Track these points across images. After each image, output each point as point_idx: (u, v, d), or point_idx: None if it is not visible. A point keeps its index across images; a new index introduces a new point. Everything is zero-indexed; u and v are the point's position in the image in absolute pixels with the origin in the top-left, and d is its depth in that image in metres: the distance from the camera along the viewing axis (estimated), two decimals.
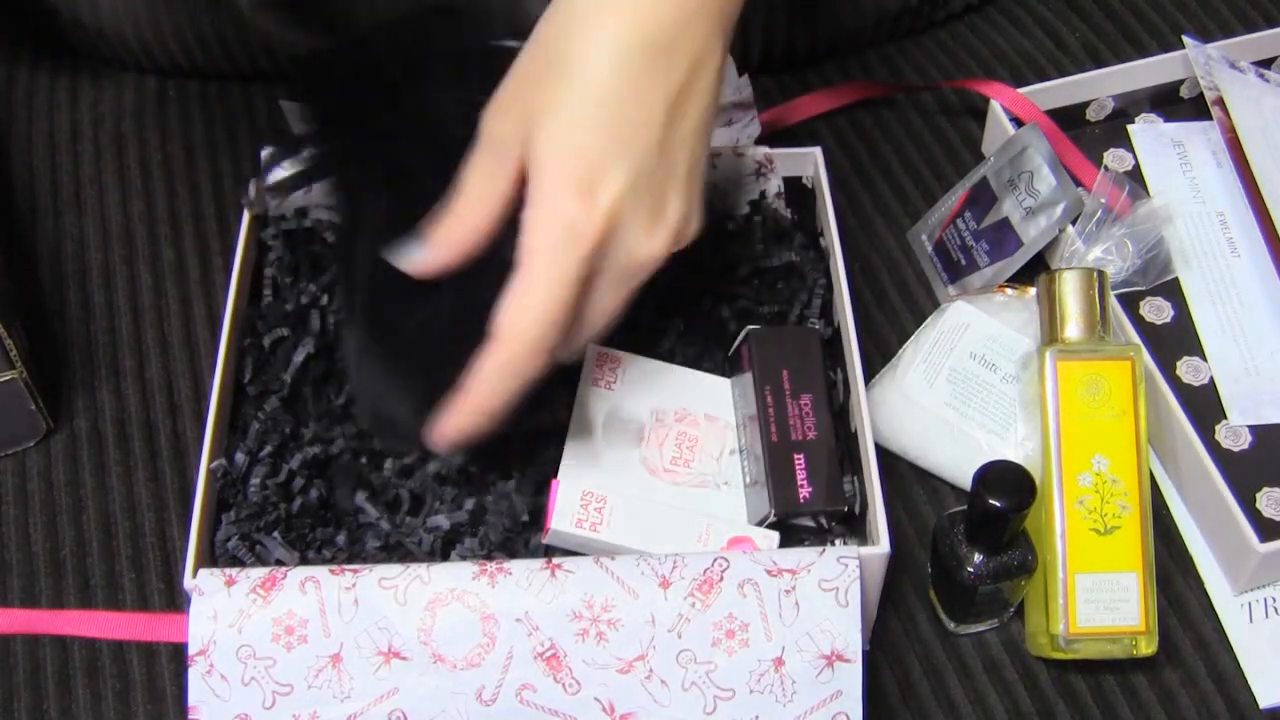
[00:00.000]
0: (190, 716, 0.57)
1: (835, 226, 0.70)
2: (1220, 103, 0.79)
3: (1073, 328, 0.65)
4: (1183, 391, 0.71)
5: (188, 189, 0.82)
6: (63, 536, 0.69)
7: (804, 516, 0.64)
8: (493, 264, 0.56)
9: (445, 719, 0.57)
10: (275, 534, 0.62)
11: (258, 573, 0.57)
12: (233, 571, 0.57)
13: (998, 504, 0.58)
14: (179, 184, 0.82)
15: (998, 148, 0.76)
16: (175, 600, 0.67)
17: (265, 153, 0.70)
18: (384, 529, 0.63)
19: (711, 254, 0.70)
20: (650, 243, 0.55)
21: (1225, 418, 0.70)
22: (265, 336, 0.68)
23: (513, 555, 0.62)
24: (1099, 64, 0.85)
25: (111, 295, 0.77)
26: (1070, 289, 0.65)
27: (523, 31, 0.57)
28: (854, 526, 0.65)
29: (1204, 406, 0.71)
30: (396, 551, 0.63)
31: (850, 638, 0.56)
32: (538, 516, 0.64)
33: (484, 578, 0.57)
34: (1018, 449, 0.67)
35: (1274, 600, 0.66)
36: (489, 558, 0.61)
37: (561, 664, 0.56)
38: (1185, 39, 0.81)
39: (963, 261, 0.75)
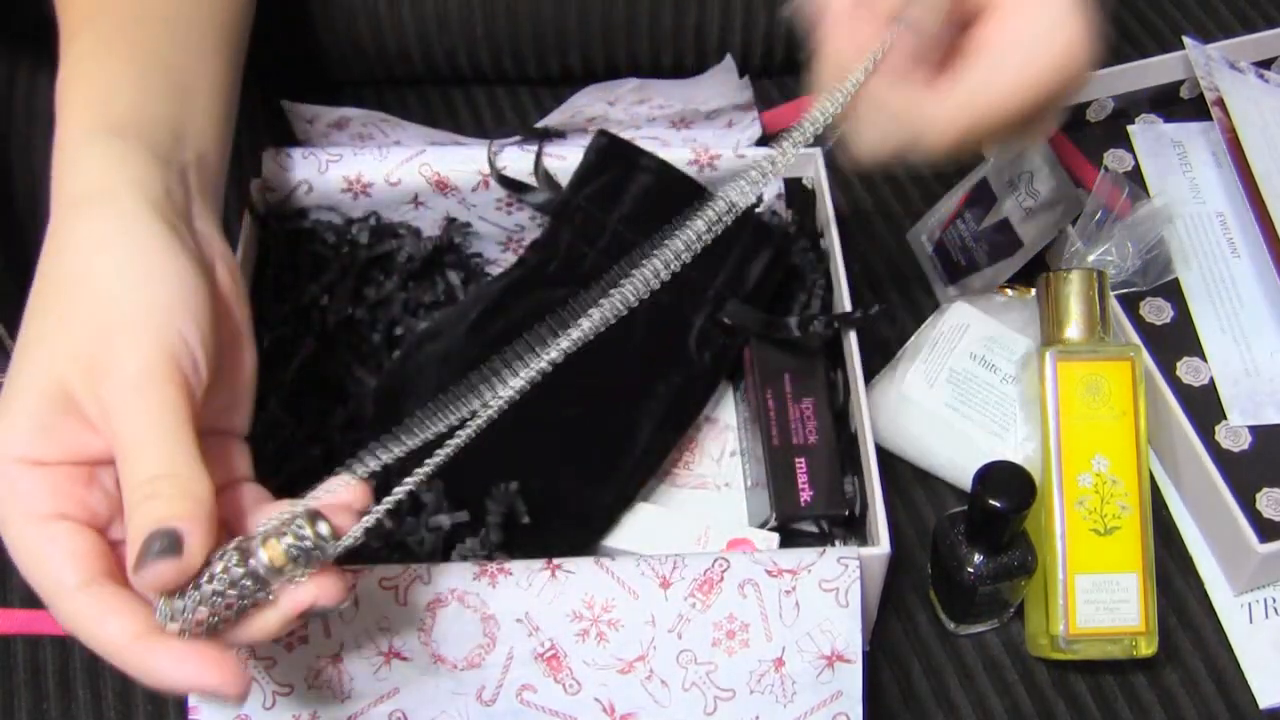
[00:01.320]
0: (190, 717, 0.57)
1: (835, 227, 0.70)
2: (1220, 103, 0.79)
3: (1073, 328, 0.65)
4: (1183, 392, 0.71)
5: None
6: None
7: (805, 521, 0.64)
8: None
9: (445, 719, 0.57)
10: None
11: None
12: None
13: (998, 504, 0.58)
14: None
15: (998, 148, 0.76)
16: None
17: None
18: (385, 529, 0.63)
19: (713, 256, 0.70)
20: None
21: (1225, 418, 0.70)
22: (265, 336, 0.68)
23: (513, 555, 0.62)
24: (1099, 64, 0.85)
25: None
26: (1070, 289, 0.66)
27: None
28: (854, 527, 0.65)
29: (1204, 407, 0.71)
30: (397, 551, 0.63)
31: (850, 638, 0.56)
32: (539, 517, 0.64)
33: (484, 578, 0.57)
34: (1018, 449, 0.67)
35: (1274, 600, 0.66)
36: (489, 558, 0.61)
37: (562, 664, 0.56)
38: (1185, 39, 0.81)
39: (963, 262, 0.75)
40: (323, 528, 0.46)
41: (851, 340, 0.66)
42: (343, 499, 0.48)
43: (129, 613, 0.45)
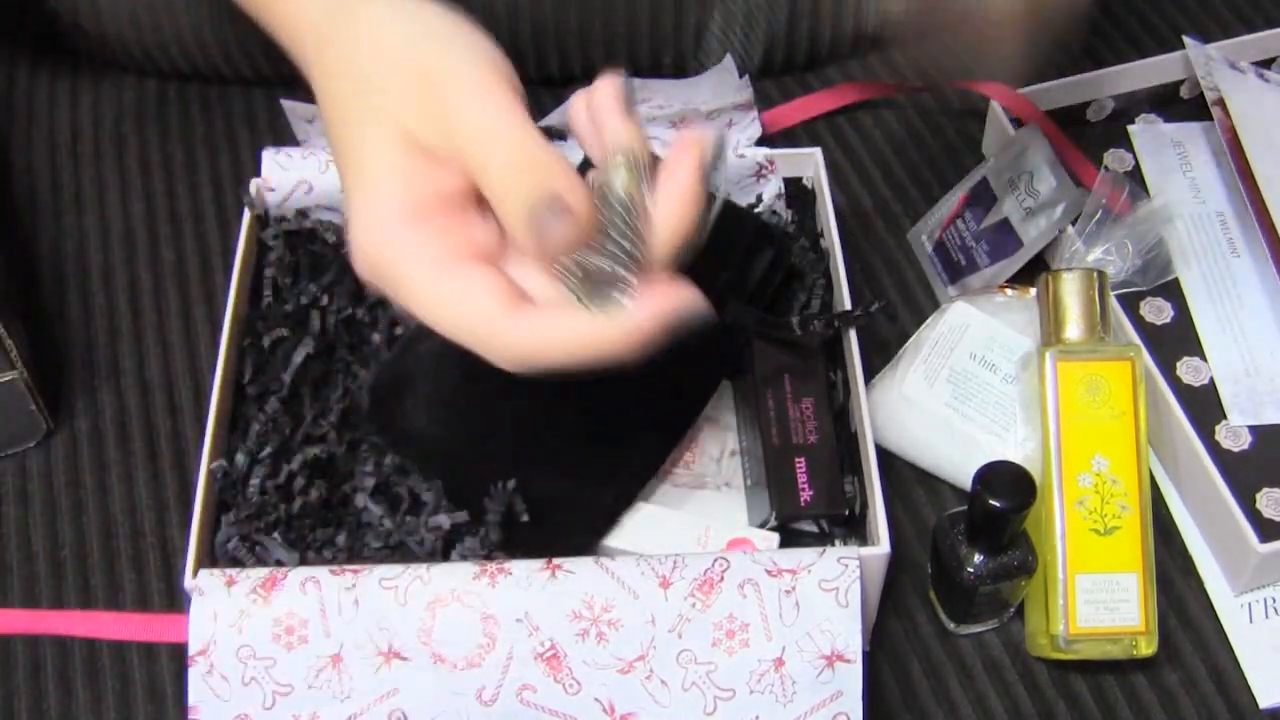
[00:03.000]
0: (190, 716, 0.57)
1: (835, 227, 0.70)
2: (1220, 103, 0.79)
3: (1073, 328, 0.65)
4: (1183, 392, 0.71)
5: (188, 189, 0.82)
6: (63, 536, 0.69)
7: (805, 520, 0.64)
8: None
9: (445, 719, 0.57)
10: (275, 534, 0.62)
11: (258, 573, 0.57)
12: (233, 572, 0.57)
13: (998, 504, 0.58)
14: (179, 184, 0.82)
15: (998, 148, 0.76)
16: (175, 600, 0.67)
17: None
18: (385, 529, 0.63)
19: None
20: None
21: (1225, 418, 0.70)
22: (265, 336, 0.68)
23: (513, 555, 0.62)
24: (1099, 64, 0.85)
25: (111, 295, 0.78)
26: (1070, 289, 0.66)
27: None
28: (854, 527, 0.65)
29: (1204, 407, 0.71)
30: (397, 551, 0.63)
31: (850, 638, 0.56)
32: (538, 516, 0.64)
33: (484, 578, 0.57)
34: (1018, 449, 0.67)
35: (1274, 600, 0.66)
36: (489, 558, 0.61)
37: (562, 664, 0.56)
38: (1185, 39, 0.81)
39: (963, 262, 0.75)
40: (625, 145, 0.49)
41: (851, 340, 0.66)
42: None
43: (565, 311, 0.48)
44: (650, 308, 0.48)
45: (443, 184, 0.50)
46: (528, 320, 0.48)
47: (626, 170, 0.49)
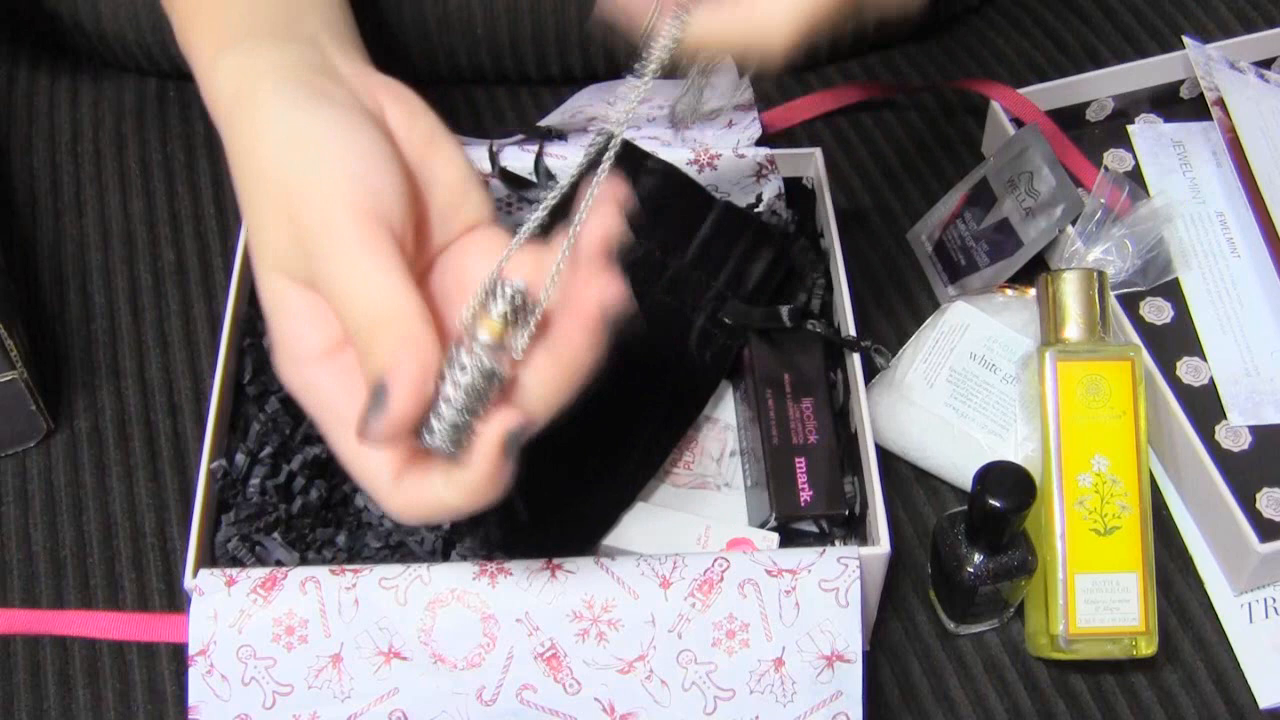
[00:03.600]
0: (190, 716, 0.57)
1: (835, 227, 0.70)
2: (1220, 103, 0.79)
3: (1073, 328, 0.65)
4: (1183, 392, 0.71)
5: (188, 189, 0.82)
6: (63, 536, 0.69)
7: (805, 520, 0.64)
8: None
9: (445, 719, 0.57)
10: (275, 534, 0.62)
11: (258, 573, 0.57)
12: (233, 572, 0.57)
13: (998, 504, 0.59)
14: (179, 184, 0.82)
15: (998, 148, 0.76)
16: (175, 600, 0.67)
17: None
18: (385, 529, 0.63)
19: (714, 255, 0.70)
20: None
21: (1225, 418, 0.70)
22: (265, 336, 0.68)
23: (513, 555, 0.62)
24: (1099, 64, 0.85)
25: (111, 295, 0.77)
26: (1070, 289, 0.66)
27: None
28: (854, 527, 0.65)
29: (1204, 407, 0.71)
30: (397, 551, 0.63)
31: (850, 638, 0.56)
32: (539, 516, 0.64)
33: (484, 578, 0.57)
34: (1018, 449, 0.67)
35: (1274, 600, 0.66)
36: (489, 558, 0.61)
37: (562, 664, 0.57)
38: (1185, 39, 0.81)
39: (963, 262, 0.75)
40: (516, 283, 0.46)
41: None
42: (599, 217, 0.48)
43: (430, 478, 0.47)
44: (482, 454, 0.46)
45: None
46: (407, 490, 0.48)
47: (501, 320, 0.46)
